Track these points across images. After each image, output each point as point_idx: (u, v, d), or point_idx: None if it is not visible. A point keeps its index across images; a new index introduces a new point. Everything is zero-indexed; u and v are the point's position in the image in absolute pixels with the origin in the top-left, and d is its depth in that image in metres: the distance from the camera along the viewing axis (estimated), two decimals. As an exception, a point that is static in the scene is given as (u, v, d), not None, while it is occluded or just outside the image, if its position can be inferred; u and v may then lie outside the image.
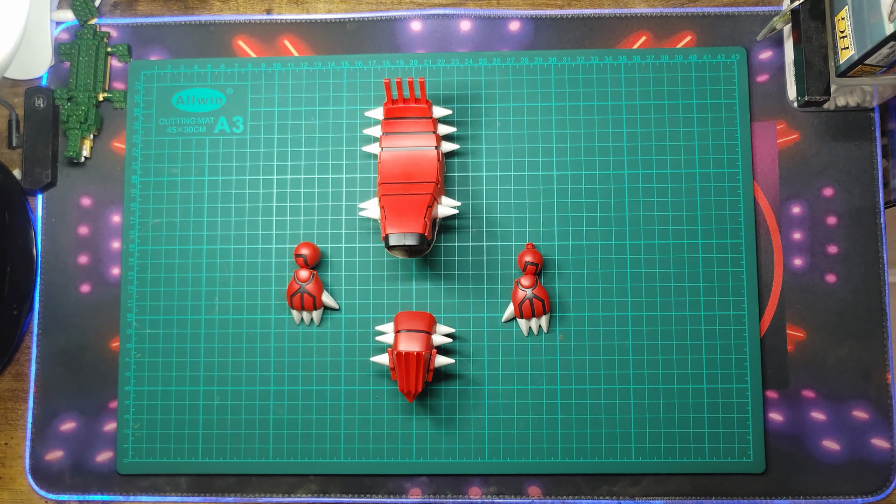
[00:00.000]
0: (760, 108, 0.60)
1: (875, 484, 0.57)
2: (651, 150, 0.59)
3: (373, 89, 0.60)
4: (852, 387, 0.58)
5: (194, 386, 0.58)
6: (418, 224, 0.52)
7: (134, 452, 0.58)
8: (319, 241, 0.59)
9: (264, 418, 0.58)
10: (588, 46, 0.61)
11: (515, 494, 0.58)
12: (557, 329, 0.58)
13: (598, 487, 0.57)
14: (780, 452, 0.57)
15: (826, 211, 0.59)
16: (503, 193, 0.59)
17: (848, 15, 0.53)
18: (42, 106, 0.60)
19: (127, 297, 0.59)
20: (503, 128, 0.60)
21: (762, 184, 0.59)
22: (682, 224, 0.58)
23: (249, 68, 0.61)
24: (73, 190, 0.61)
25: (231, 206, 0.60)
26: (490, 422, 0.58)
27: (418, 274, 0.59)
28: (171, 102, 0.61)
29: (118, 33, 0.62)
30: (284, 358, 0.58)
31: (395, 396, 0.58)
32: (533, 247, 0.58)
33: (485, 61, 0.60)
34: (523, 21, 0.61)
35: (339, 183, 0.60)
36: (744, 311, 0.58)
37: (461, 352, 0.58)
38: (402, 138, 0.56)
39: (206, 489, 0.58)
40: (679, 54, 0.60)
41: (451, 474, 0.58)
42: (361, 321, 0.58)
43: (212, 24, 0.62)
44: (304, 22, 0.62)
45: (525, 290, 0.56)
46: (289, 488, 0.58)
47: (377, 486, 0.58)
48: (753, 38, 0.60)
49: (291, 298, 0.57)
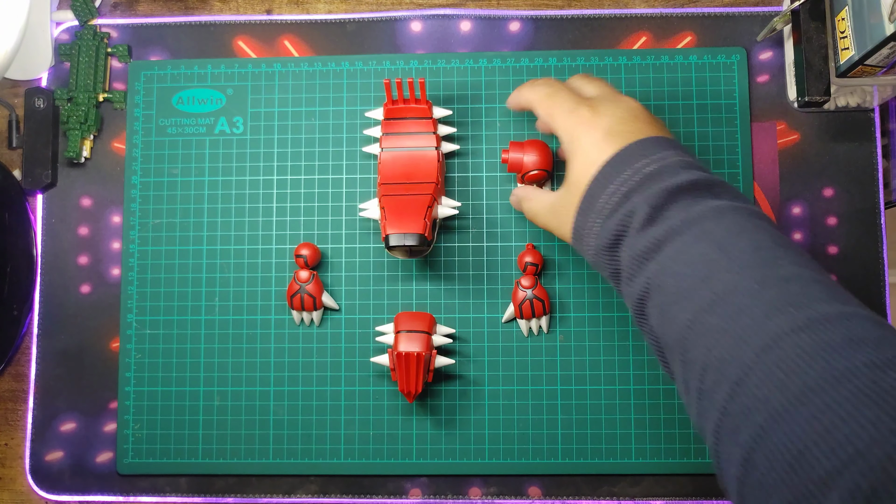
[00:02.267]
0: (760, 108, 0.60)
1: (875, 484, 0.57)
2: (651, 151, 0.59)
3: (373, 89, 0.60)
4: (852, 387, 0.58)
5: (194, 386, 0.58)
6: (418, 224, 0.52)
7: (134, 453, 0.58)
8: (319, 241, 0.59)
9: (264, 418, 0.58)
10: (588, 47, 0.61)
11: (515, 495, 0.58)
12: (557, 329, 0.58)
13: (599, 488, 0.57)
14: (781, 453, 0.57)
15: (826, 211, 0.59)
16: (503, 193, 0.59)
17: (848, 15, 0.53)
18: (42, 106, 0.60)
19: (127, 298, 0.59)
20: (503, 128, 0.60)
21: (762, 184, 0.59)
22: (682, 224, 0.58)
23: (249, 69, 0.61)
24: (73, 190, 0.61)
25: (231, 207, 0.60)
26: (490, 422, 0.57)
27: (418, 274, 0.59)
28: (171, 103, 0.61)
29: (118, 34, 0.62)
30: (284, 358, 0.58)
31: (395, 397, 0.58)
32: (533, 247, 0.58)
33: (485, 61, 0.60)
34: (523, 21, 0.61)
35: (339, 183, 0.60)
36: (744, 312, 0.58)
37: (461, 352, 0.58)
38: (402, 139, 0.56)
39: (206, 489, 0.58)
40: (679, 54, 0.60)
41: (451, 475, 0.58)
42: (361, 321, 0.58)
43: (212, 25, 0.62)
44: (304, 22, 0.62)
45: (525, 291, 0.56)
46: (289, 489, 0.58)
47: (377, 486, 0.58)
48: (753, 39, 0.60)
49: (291, 299, 0.57)
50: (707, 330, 0.35)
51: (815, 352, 0.30)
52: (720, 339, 0.34)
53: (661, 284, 0.38)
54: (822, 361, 0.30)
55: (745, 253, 0.36)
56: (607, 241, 0.42)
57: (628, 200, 0.41)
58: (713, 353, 0.34)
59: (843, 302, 0.33)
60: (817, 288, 0.34)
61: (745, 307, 0.34)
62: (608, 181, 0.43)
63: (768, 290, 0.34)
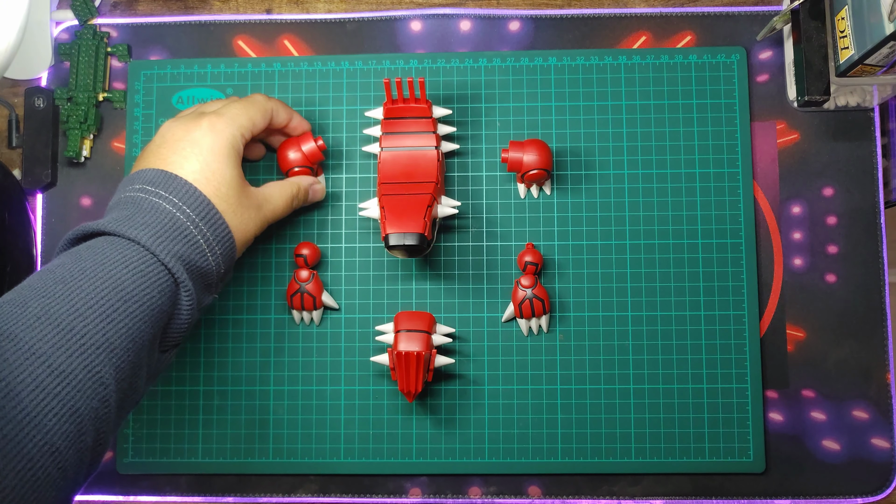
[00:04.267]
0: (760, 107, 0.60)
1: (875, 484, 0.57)
2: (651, 150, 0.59)
3: (373, 89, 0.60)
4: (852, 387, 0.58)
5: (194, 386, 0.58)
6: (418, 224, 0.52)
7: (134, 452, 0.58)
8: (319, 241, 0.59)
9: (264, 418, 0.58)
10: (588, 46, 0.61)
11: (515, 494, 0.58)
12: (557, 329, 0.58)
13: (598, 487, 0.57)
14: (780, 452, 0.57)
15: (826, 211, 0.59)
16: (503, 193, 0.59)
17: (848, 15, 0.53)
18: (42, 106, 0.60)
19: (127, 297, 0.59)
20: (503, 128, 0.60)
21: (762, 184, 0.59)
22: (681, 224, 0.58)
23: (249, 68, 0.61)
24: (73, 190, 0.61)
25: (231, 206, 0.60)
26: (490, 422, 0.58)
27: (418, 274, 0.59)
28: (171, 102, 0.61)
29: (118, 33, 0.62)
30: (284, 358, 0.58)
31: (395, 396, 0.58)
32: (533, 246, 0.58)
33: (485, 61, 0.60)
34: (523, 21, 0.61)
35: (339, 183, 0.60)
36: (744, 311, 0.58)
37: (461, 352, 0.58)
38: (402, 138, 0.56)
39: (206, 489, 0.58)
40: (679, 54, 0.60)
41: (451, 474, 0.58)
42: (361, 321, 0.58)
43: (212, 24, 0.62)
44: (304, 22, 0.62)
45: (525, 290, 0.56)
46: (289, 488, 0.58)
47: (377, 486, 0.58)
48: (753, 38, 0.60)
49: (291, 298, 0.57)
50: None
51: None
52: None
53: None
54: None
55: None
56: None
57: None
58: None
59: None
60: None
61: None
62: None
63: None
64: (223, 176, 0.49)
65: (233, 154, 0.50)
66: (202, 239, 0.46)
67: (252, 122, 0.51)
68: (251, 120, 0.51)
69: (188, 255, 0.46)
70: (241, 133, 0.50)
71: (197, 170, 0.48)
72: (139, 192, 0.47)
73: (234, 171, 0.49)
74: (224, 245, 0.48)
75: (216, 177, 0.48)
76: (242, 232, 0.50)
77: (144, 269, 0.44)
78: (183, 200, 0.46)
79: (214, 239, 0.47)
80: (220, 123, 0.50)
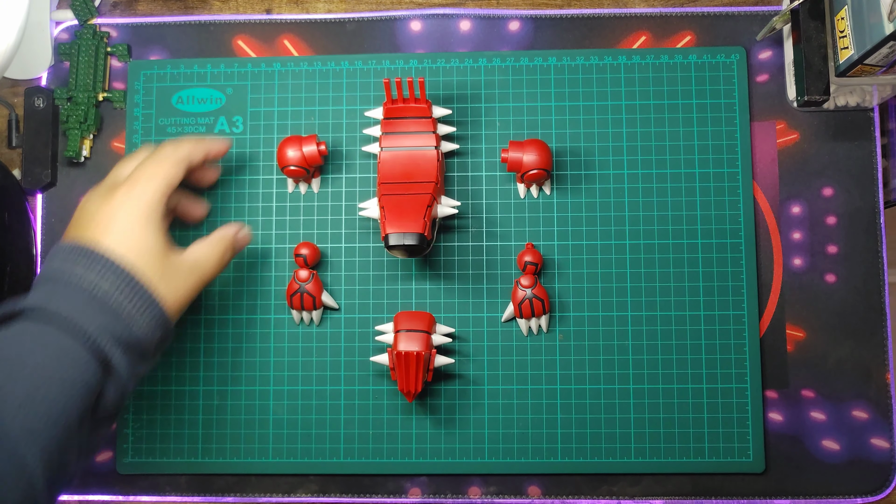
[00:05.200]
0: (760, 107, 0.60)
1: (875, 484, 0.57)
2: (651, 150, 0.59)
3: (373, 89, 0.60)
4: (852, 387, 0.58)
5: (194, 386, 0.58)
6: (418, 224, 0.52)
7: (134, 452, 0.58)
8: (319, 241, 0.59)
9: (264, 418, 0.58)
10: (588, 46, 0.61)
11: (515, 494, 0.58)
12: (557, 329, 0.58)
13: (598, 487, 0.57)
14: (780, 452, 0.57)
15: (826, 211, 0.59)
16: (503, 193, 0.59)
17: (847, 15, 0.53)
18: (42, 106, 0.60)
19: (127, 297, 0.59)
20: (503, 128, 0.60)
21: (762, 184, 0.59)
22: (682, 224, 0.58)
23: (249, 68, 0.61)
24: (73, 190, 0.61)
25: (231, 206, 0.60)
26: (490, 422, 0.58)
27: (418, 274, 0.59)
28: (171, 102, 0.61)
29: (118, 33, 0.62)
30: (284, 358, 0.58)
31: (395, 396, 0.58)
32: (532, 246, 0.58)
33: (485, 61, 0.60)
34: (523, 21, 0.61)
35: (339, 183, 0.60)
36: (743, 311, 0.58)
37: (461, 352, 0.58)
38: (401, 138, 0.56)
39: (206, 489, 0.58)
40: (679, 54, 0.60)
41: (451, 474, 0.58)
42: (361, 321, 0.58)
43: (212, 24, 0.62)
44: (304, 22, 0.62)
45: (525, 290, 0.56)
46: (289, 488, 0.58)
47: (377, 485, 0.58)
48: (753, 38, 0.60)
49: (291, 298, 0.57)
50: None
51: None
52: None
53: None
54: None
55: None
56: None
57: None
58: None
59: None
60: None
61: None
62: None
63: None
64: (145, 244, 0.48)
65: (153, 219, 0.49)
66: (129, 308, 0.46)
67: (167, 180, 0.51)
68: (165, 178, 0.51)
69: (113, 328, 0.45)
70: (157, 196, 0.50)
71: (118, 241, 0.48)
72: (61, 267, 0.47)
73: (156, 238, 0.49)
74: (152, 313, 0.47)
75: (138, 245, 0.48)
76: (174, 298, 0.49)
77: (62, 349, 0.44)
78: (103, 273, 0.46)
79: (140, 308, 0.47)
80: (134, 190, 0.49)
